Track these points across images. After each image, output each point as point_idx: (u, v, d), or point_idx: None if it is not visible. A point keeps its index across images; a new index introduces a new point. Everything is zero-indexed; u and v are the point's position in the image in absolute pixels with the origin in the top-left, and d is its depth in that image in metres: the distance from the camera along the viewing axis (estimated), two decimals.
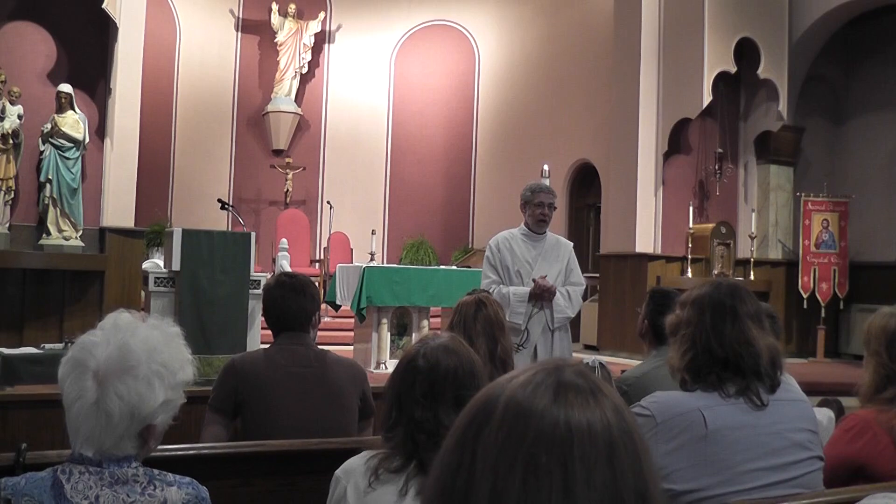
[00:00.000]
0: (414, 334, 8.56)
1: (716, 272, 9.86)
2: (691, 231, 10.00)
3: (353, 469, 2.05)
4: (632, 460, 0.81)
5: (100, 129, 8.61)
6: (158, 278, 7.35)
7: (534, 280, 4.82)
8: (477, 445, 0.79)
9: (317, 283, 6.38)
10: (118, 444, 1.69)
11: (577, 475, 0.77)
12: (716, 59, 9.73)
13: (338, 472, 2.08)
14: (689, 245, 10.00)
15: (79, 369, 1.70)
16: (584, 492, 0.77)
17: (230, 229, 12.01)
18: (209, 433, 3.01)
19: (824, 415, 3.46)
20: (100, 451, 1.68)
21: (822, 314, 10.24)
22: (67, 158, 8.15)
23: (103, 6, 8.13)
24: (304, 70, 14.18)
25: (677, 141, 10.12)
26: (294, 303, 3.20)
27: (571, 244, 5.24)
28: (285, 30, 13.99)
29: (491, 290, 4.83)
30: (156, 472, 1.74)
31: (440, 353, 2.07)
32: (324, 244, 13.23)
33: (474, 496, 0.77)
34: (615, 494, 0.78)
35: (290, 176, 13.81)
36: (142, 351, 1.71)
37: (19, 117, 8.03)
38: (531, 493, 0.76)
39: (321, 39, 14.44)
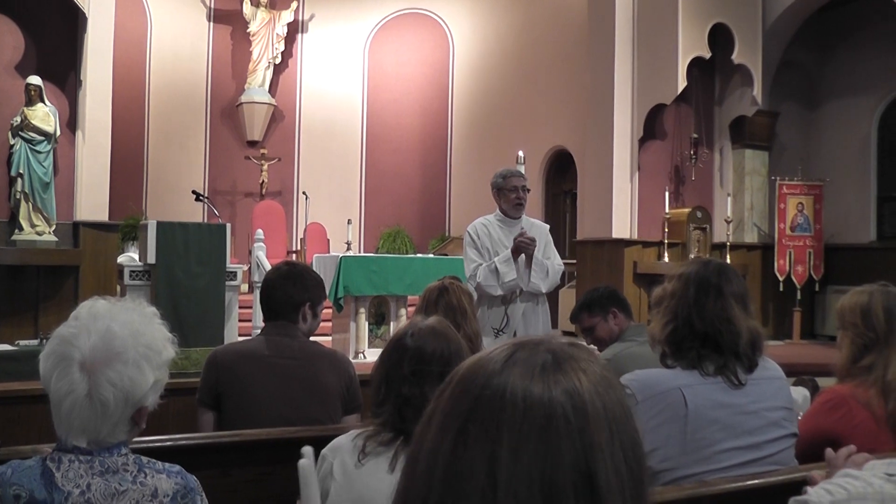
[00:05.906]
0: (392, 323, 8.54)
1: (692, 256, 9.90)
2: (667, 216, 10.04)
3: (340, 446, 2.09)
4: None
5: (71, 122, 8.48)
6: (134, 272, 7.29)
7: (515, 239, 4.82)
8: (500, 436, 0.81)
9: None
10: (113, 432, 1.68)
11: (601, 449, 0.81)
12: (690, 45, 9.75)
13: (324, 450, 2.11)
14: (666, 230, 10.03)
15: (64, 363, 1.66)
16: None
17: (205, 221, 11.91)
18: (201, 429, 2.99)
19: (799, 394, 3.51)
20: (95, 440, 1.67)
21: (798, 296, 10.33)
22: (38, 152, 8.02)
23: None
24: (278, 60, 14.08)
25: (652, 127, 10.15)
26: (282, 291, 3.10)
27: (548, 227, 5.24)
28: (258, 20, 13.87)
29: (477, 274, 4.83)
30: (144, 459, 1.72)
31: (428, 334, 2.12)
32: (300, 235, 13.19)
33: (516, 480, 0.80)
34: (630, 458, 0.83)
35: (265, 167, 13.73)
36: (126, 335, 1.70)
37: None
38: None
39: (294, 29, 14.34)
